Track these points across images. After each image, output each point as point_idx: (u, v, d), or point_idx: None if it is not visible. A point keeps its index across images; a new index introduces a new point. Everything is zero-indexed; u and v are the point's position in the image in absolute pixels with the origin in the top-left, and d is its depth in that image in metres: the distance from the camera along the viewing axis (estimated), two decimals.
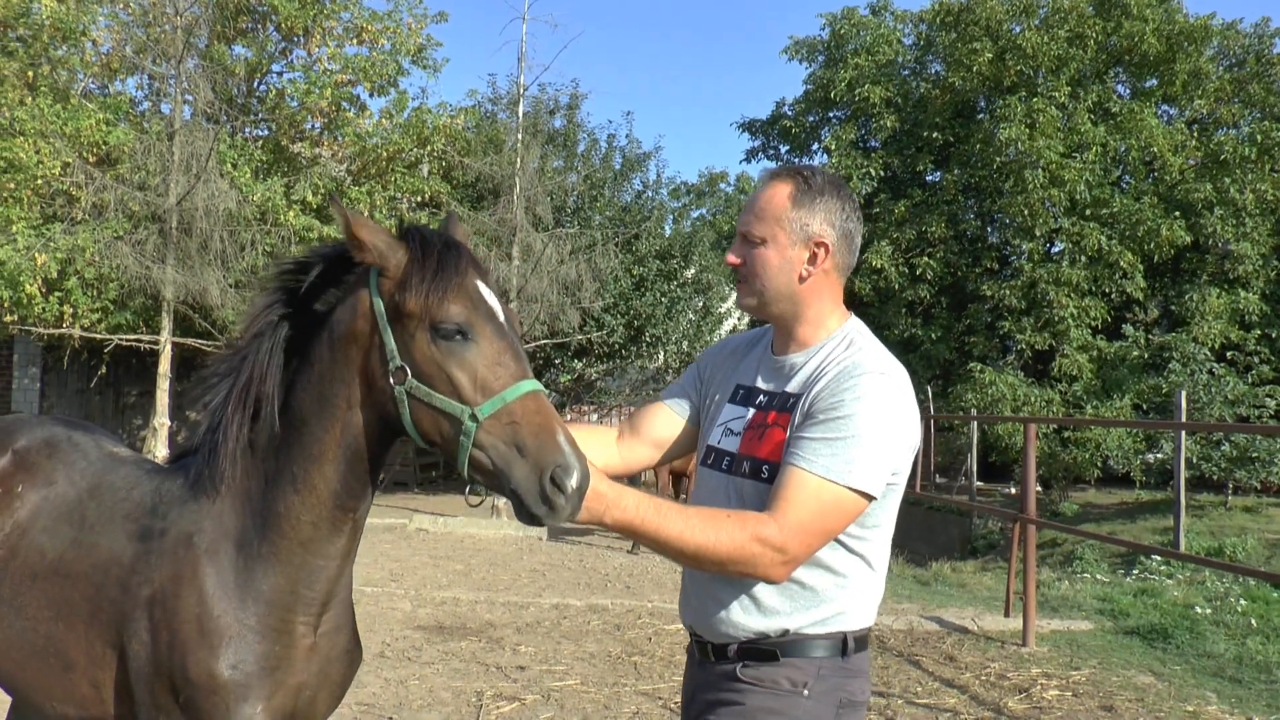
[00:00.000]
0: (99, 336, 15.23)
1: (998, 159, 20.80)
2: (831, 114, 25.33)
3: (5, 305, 14.02)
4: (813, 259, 2.32)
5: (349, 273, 2.43)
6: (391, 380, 2.23)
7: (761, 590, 2.23)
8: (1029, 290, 20.51)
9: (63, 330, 14.91)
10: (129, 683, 2.51)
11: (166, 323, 14.96)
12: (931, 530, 19.12)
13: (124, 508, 2.70)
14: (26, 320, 14.55)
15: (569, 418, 22.94)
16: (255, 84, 16.86)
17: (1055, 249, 21.72)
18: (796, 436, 2.19)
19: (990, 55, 20.85)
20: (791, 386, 2.33)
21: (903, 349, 22.14)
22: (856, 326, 2.39)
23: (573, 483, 1.99)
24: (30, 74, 14.75)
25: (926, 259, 21.75)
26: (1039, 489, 16.19)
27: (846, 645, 2.26)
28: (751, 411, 2.40)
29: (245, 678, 2.36)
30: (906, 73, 24.41)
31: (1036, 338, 20.37)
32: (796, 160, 27.28)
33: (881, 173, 22.93)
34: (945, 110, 22.64)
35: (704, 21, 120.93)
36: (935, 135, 22.62)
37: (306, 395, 2.40)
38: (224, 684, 2.34)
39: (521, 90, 18.00)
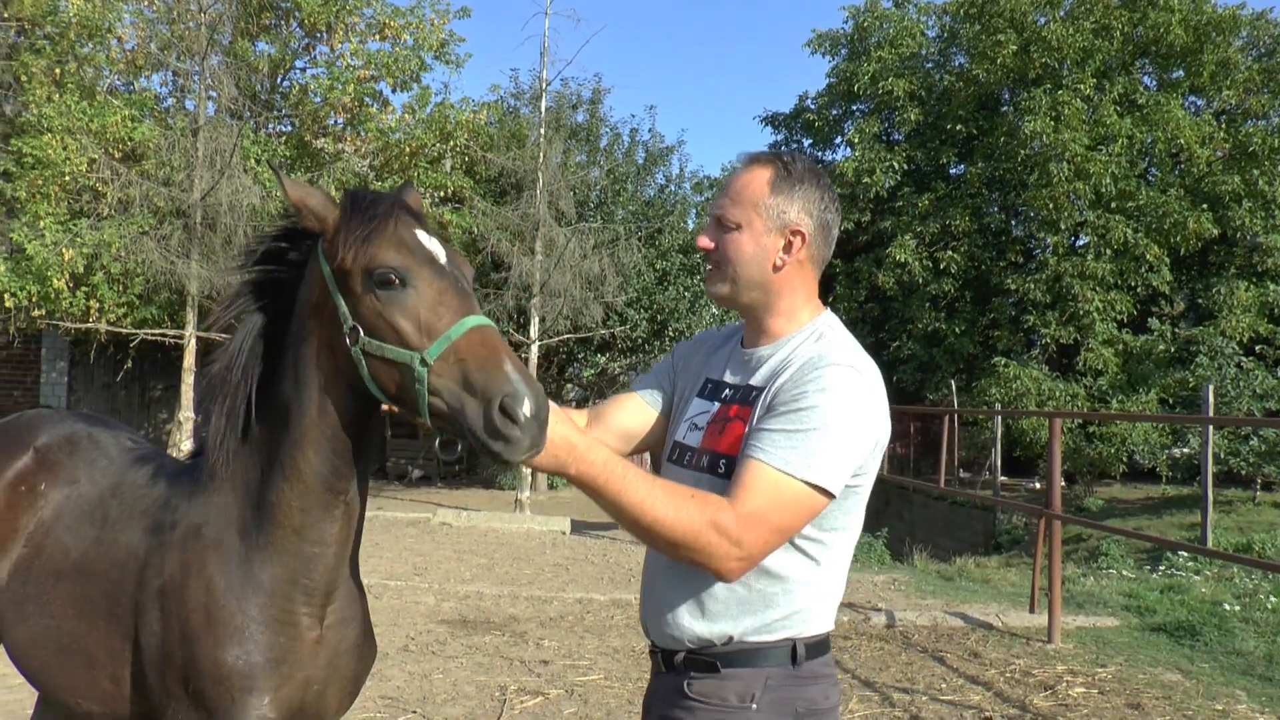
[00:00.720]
0: (125, 331, 15.38)
1: (1022, 152, 20.65)
2: (854, 107, 25.23)
3: (33, 300, 14.17)
4: (788, 248, 2.22)
5: (306, 247, 2.39)
6: (348, 342, 2.17)
7: (707, 593, 2.13)
8: (1054, 284, 20.36)
9: (89, 325, 15.06)
10: (146, 676, 2.51)
11: (191, 317, 15.09)
12: (955, 525, 19.03)
13: (142, 504, 2.71)
14: (54, 315, 14.70)
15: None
16: (279, 80, 16.95)
17: (1080, 242, 21.54)
18: (757, 428, 2.08)
19: (1014, 47, 20.68)
20: (755, 379, 2.24)
21: (926, 343, 22.06)
22: (828, 320, 2.29)
23: (525, 410, 1.87)
24: (58, 71, 14.89)
25: (950, 252, 21.62)
26: (1063, 484, 16.08)
27: (796, 653, 2.13)
28: (716, 405, 2.31)
29: (250, 669, 2.34)
30: (930, 65, 24.26)
31: (1061, 332, 20.22)
32: (820, 155, 27.21)
33: (905, 166, 22.81)
34: (969, 103, 22.49)
35: (726, 15, 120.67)
36: (959, 128, 22.48)
37: (286, 380, 2.38)
38: (229, 674, 2.33)
39: (544, 85, 18.00)
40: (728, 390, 2.31)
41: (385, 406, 2.31)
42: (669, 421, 2.51)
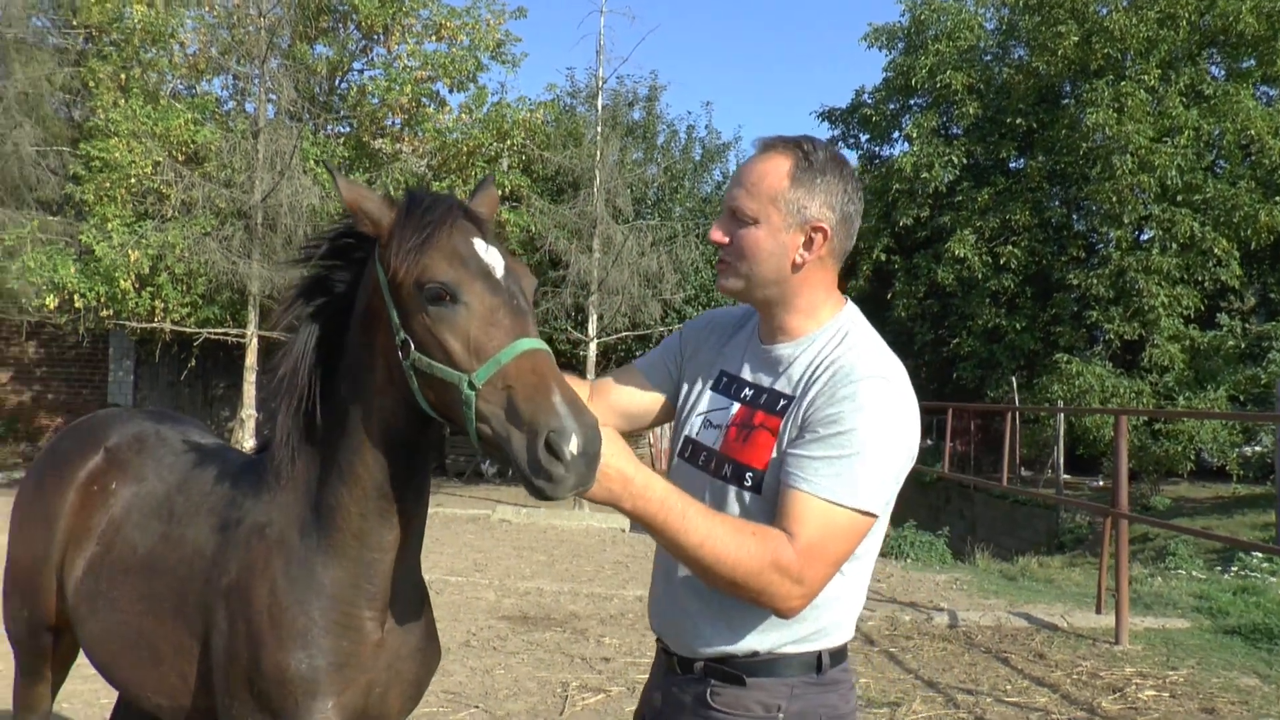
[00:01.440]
0: (188, 330, 15.68)
1: (1084, 145, 20.24)
2: (912, 101, 24.92)
3: (101, 300, 14.50)
4: (808, 244, 2.10)
5: (368, 245, 2.32)
6: (400, 354, 2.10)
7: (734, 608, 2.06)
8: (1117, 279, 19.94)
9: (154, 324, 15.39)
10: (212, 674, 2.53)
11: (253, 316, 15.35)
12: (1016, 524, 18.74)
13: (209, 501, 2.73)
14: (121, 315, 15.04)
15: None
16: (337, 82, 17.16)
17: (1145, 236, 21.05)
18: (796, 454, 2.00)
19: (1076, 38, 20.26)
20: (781, 385, 2.14)
21: (986, 339, 21.73)
22: (851, 316, 2.20)
23: (572, 447, 1.77)
24: (123, 76, 15.23)
25: (1010, 248, 21.27)
26: (1129, 482, 15.77)
27: (821, 662, 2.10)
28: (736, 406, 2.21)
29: (314, 673, 2.33)
30: (989, 58, 23.88)
31: (1125, 327, 19.79)
32: (877, 150, 26.94)
33: (964, 160, 22.48)
34: (1029, 96, 22.10)
35: (782, 9, 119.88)
36: (1019, 121, 22.10)
37: (344, 383, 2.35)
38: (293, 677, 2.33)
39: (600, 83, 18.05)
40: (748, 390, 2.21)
41: None
42: (673, 405, 2.44)
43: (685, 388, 2.40)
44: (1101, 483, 19.40)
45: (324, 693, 2.33)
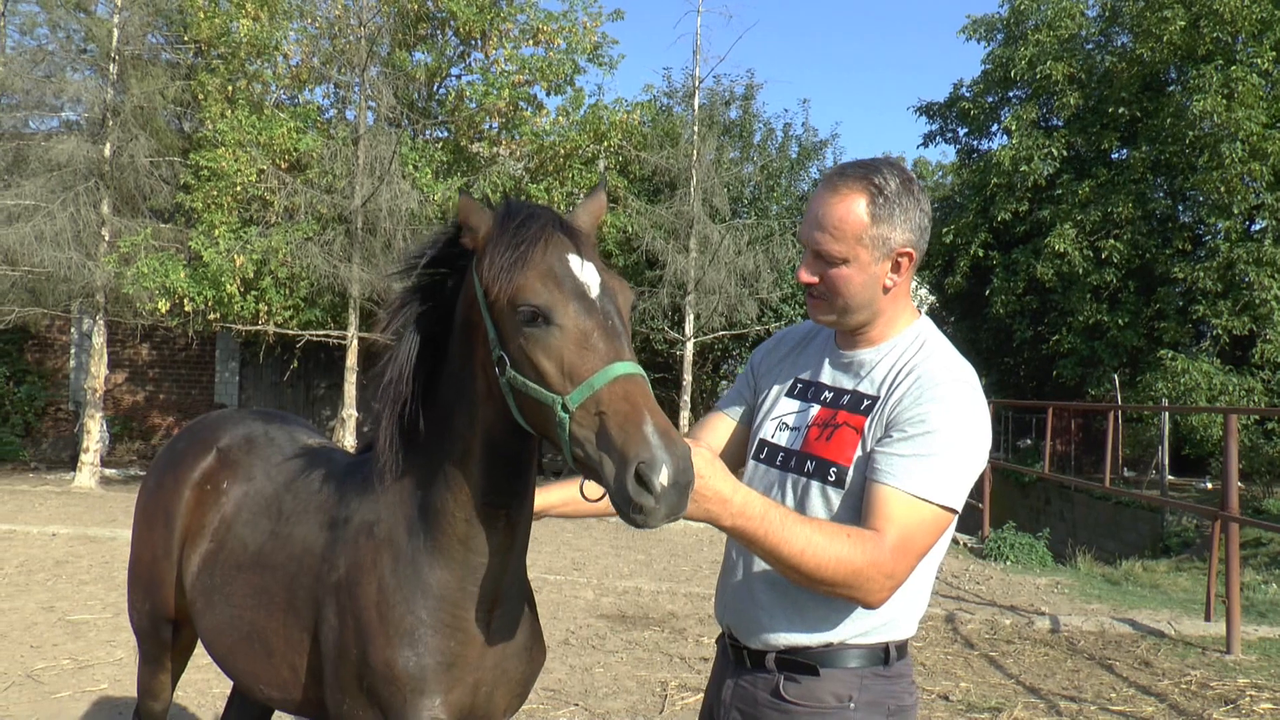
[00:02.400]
0: (291, 332, 16.12)
1: (1190, 133, 19.55)
2: (1011, 93, 24.37)
3: (209, 304, 14.99)
4: (896, 268, 2.20)
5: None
6: (496, 370, 2.11)
7: (806, 600, 2.14)
8: (1226, 272, 19.23)
9: (258, 327, 15.85)
10: (322, 667, 2.59)
11: (353, 318, 15.72)
12: (1119, 527, 18.23)
13: (316, 500, 2.80)
14: (227, 318, 15.52)
15: None
16: (435, 88, 17.42)
17: (1256, 227, 20.27)
18: (884, 452, 2.09)
19: (1183, 23, 19.59)
20: (864, 387, 2.23)
21: (1087, 336, 21.18)
22: (926, 325, 2.29)
23: (661, 479, 1.75)
24: (230, 88, 15.71)
25: (1112, 241, 20.67)
26: (1240, 484, 15.21)
27: (889, 654, 2.19)
28: (815, 408, 2.29)
29: (422, 671, 2.37)
30: (1090, 47, 23.22)
31: (1234, 322, 19.07)
32: (975, 143, 26.42)
33: (1064, 152, 21.91)
34: (1132, 84, 21.44)
35: (879, 3, 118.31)
36: (1122, 111, 21.46)
37: (447, 390, 2.37)
38: (401, 675, 2.36)
39: (697, 83, 18.05)
40: (828, 393, 2.30)
41: None
42: (749, 428, 2.52)
43: (759, 399, 2.50)
44: (1209, 484, 18.75)
45: (432, 691, 2.37)
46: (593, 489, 2.00)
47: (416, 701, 2.36)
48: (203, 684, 6.05)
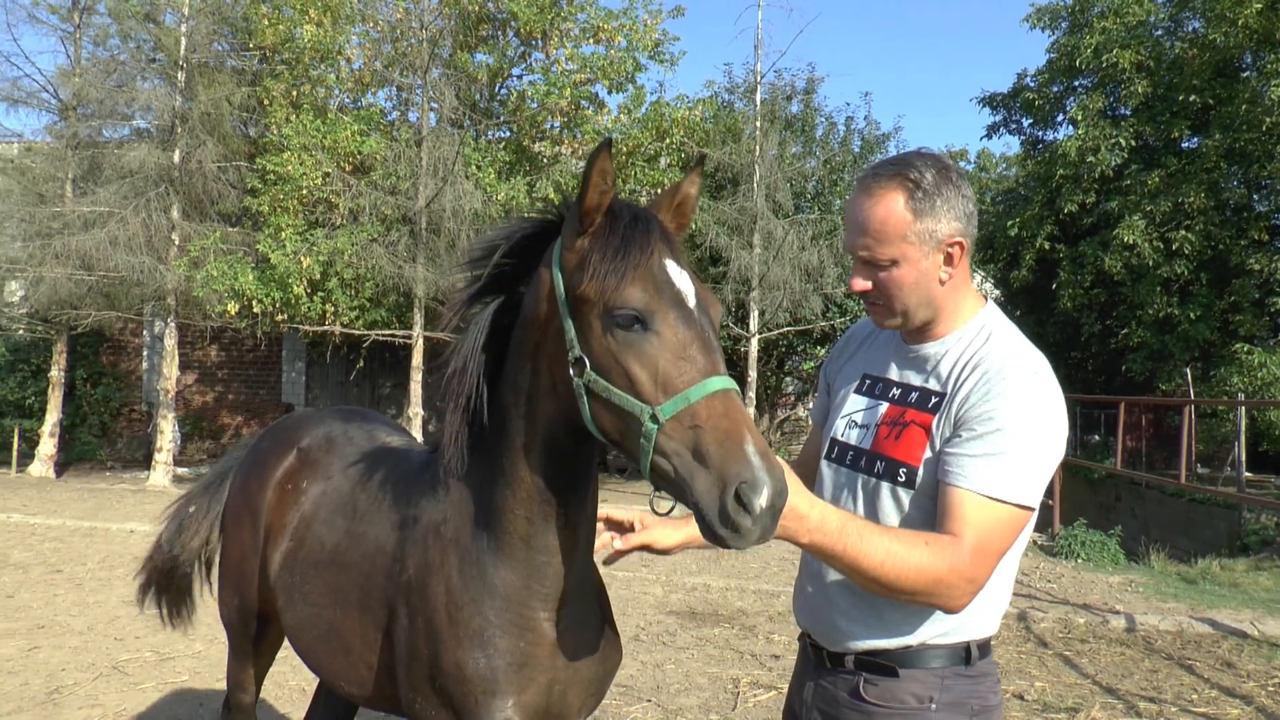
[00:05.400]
0: (357, 332, 16.34)
1: (1267, 120, 18.99)
2: (1077, 83, 23.86)
3: (276, 305, 15.25)
4: (949, 260, 2.14)
5: (542, 249, 2.26)
6: (571, 371, 2.04)
7: (884, 604, 2.10)
8: None
9: (325, 327, 16.09)
10: (395, 666, 2.60)
11: (418, 318, 15.89)
12: (1193, 524, 17.80)
13: (389, 499, 2.80)
14: (294, 318, 15.78)
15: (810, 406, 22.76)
16: (497, 88, 17.54)
17: None
18: (954, 453, 2.04)
19: (1259, 6, 19.02)
20: (931, 383, 2.18)
21: (1158, 330, 20.71)
22: (992, 313, 2.22)
23: (761, 501, 1.72)
24: (294, 93, 15.97)
25: (1184, 232, 20.18)
26: None
27: (970, 653, 2.14)
28: (884, 405, 2.25)
29: (493, 672, 2.35)
30: (1159, 33, 22.67)
31: None
32: (1040, 134, 25.96)
33: (1132, 142, 21.41)
34: (1204, 71, 20.89)
35: None
36: (1193, 98, 20.92)
37: (508, 385, 2.33)
38: (472, 677, 2.35)
39: (758, 78, 17.99)
40: (896, 389, 2.26)
41: None
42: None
43: (833, 398, 2.47)
44: None
45: (504, 692, 2.36)
46: (661, 503, 1.97)
47: (489, 703, 2.35)
48: (280, 676, 6.15)
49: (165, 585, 4.21)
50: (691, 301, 2.01)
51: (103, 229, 15.78)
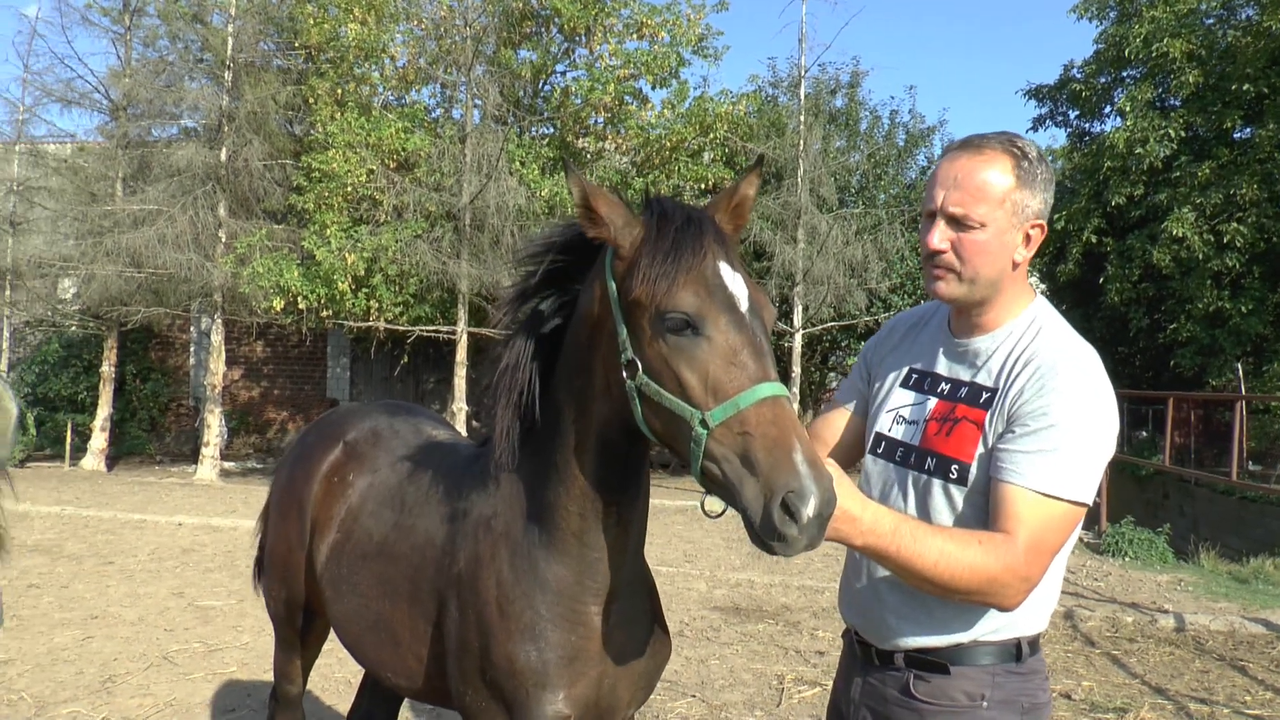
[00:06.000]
0: (401, 328, 16.46)
1: None
2: (1125, 73, 23.47)
3: (322, 301, 15.40)
4: (1026, 241, 2.12)
5: (597, 249, 2.24)
6: (624, 374, 2.04)
7: (934, 601, 2.08)
8: None
9: (369, 323, 16.22)
10: (445, 658, 2.62)
11: (462, 314, 15.98)
12: (1245, 523, 17.49)
13: (437, 492, 2.82)
14: (339, 314, 15.93)
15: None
16: (540, 85, 17.58)
17: None
18: (1007, 449, 2.02)
19: None
20: (982, 378, 2.15)
21: (1208, 324, 20.35)
22: (1042, 306, 2.20)
23: (809, 511, 1.71)
24: (339, 91, 16.12)
25: (1235, 225, 19.79)
26: None
27: (1020, 650, 2.13)
28: (933, 400, 2.22)
29: (544, 665, 2.36)
30: (1211, 21, 22.23)
31: None
32: (1088, 127, 25.58)
33: (1182, 133, 21.02)
34: (1258, 59, 20.45)
35: None
36: (1246, 88, 20.49)
37: (562, 383, 2.33)
38: (523, 669, 2.37)
39: (802, 72, 17.89)
40: (944, 384, 2.23)
41: None
42: (864, 420, 2.47)
43: (874, 389, 2.44)
44: None
45: (554, 685, 2.37)
46: (714, 504, 1.96)
47: (539, 695, 2.36)
48: (326, 669, 6.23)
49: None
50: (744, 305, 1.99)
51: (152, 227, 16.03)
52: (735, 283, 2.01)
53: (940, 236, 2.12)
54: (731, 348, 1.92)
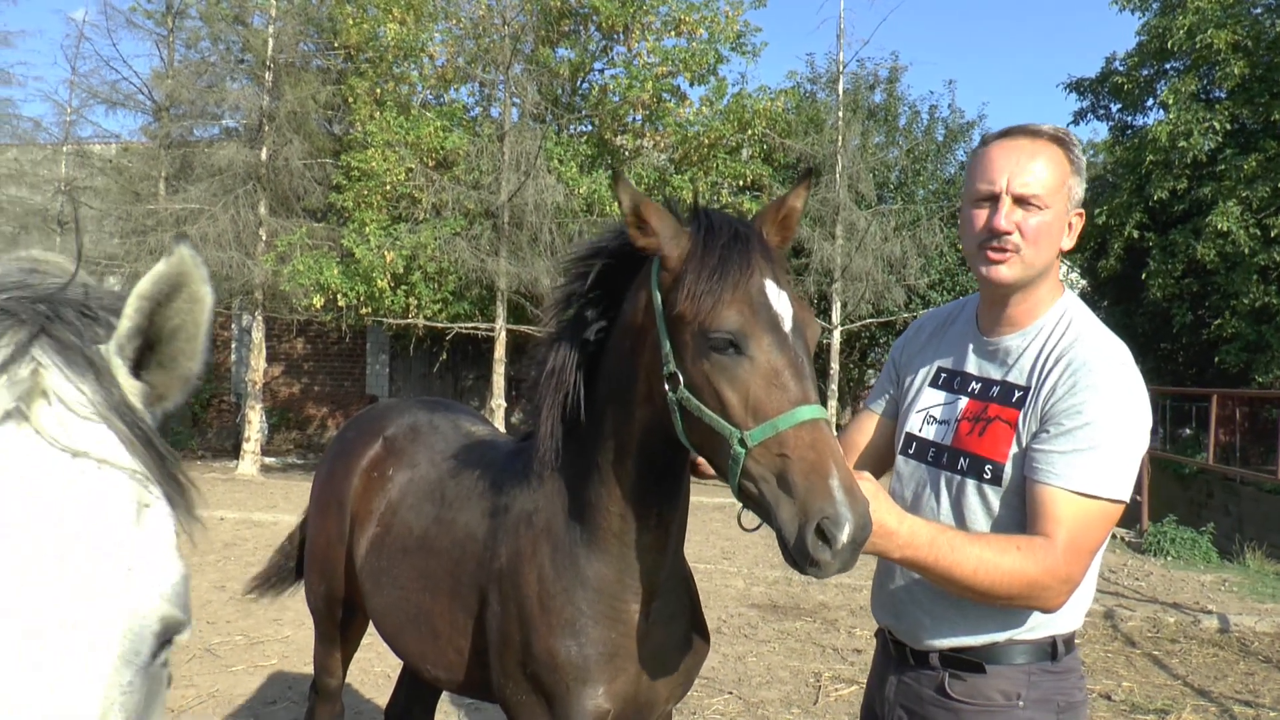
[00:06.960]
0: (440, 325, 16.54)
1: None
2: (1168, 65, 23.11)
3: (361, 299, 15.52)
4: (1069, 229, 2.14)
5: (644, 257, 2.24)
6: (666, 386, 2.06)
7: (967, 600, 2.06)
8: None
9: (408, 320, 16.32)
10: (486, 651, 2.66)
11: (501, 311, 16.05)
12: None
13: (478, 487, 2.86)
14: (378, 312, 16.05)
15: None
16: (578, 83, 17.59)
17: None
18: (1043, 449, 2.01)
19: None
20: (1014, 376, 2.14)
21: (1254, 320, 20.02)
22: (1071, 302, 2.18)
23: (843, 537, 1.73)
24: (378, 90, 16.25)
25: None
26: None
27: (1056, 649, 2.12)
28: (964, 400, 2.21)
29: (584, 660, 2.39)
30: (1258, 11, 21.81)
31: None
32: (1129, 119, 25.23)
33: (1227, 125, 20.66)
34: None
35: None
36: None
37: (605, 386, 2.36)
38: (564, 664, 2.40)
39: (841, 67, 17.80)
40: (975, 383, 2.22)
41: None
42: (894, 421, 2.47)
43: (903, 389, 2.44)
44: None
45: (594, 680, 2.41)
46: (750, 519, 1.99)
47: (579, 690, 2.40)
48: (365, 662, 6.30)
49: None
50: (788, 325, 2.00)
51: (194, 225, 16.23)
52: (780, 301, 2.02)
53: (1007, 218, 2.10)
54: (773, 368, 1.94)
